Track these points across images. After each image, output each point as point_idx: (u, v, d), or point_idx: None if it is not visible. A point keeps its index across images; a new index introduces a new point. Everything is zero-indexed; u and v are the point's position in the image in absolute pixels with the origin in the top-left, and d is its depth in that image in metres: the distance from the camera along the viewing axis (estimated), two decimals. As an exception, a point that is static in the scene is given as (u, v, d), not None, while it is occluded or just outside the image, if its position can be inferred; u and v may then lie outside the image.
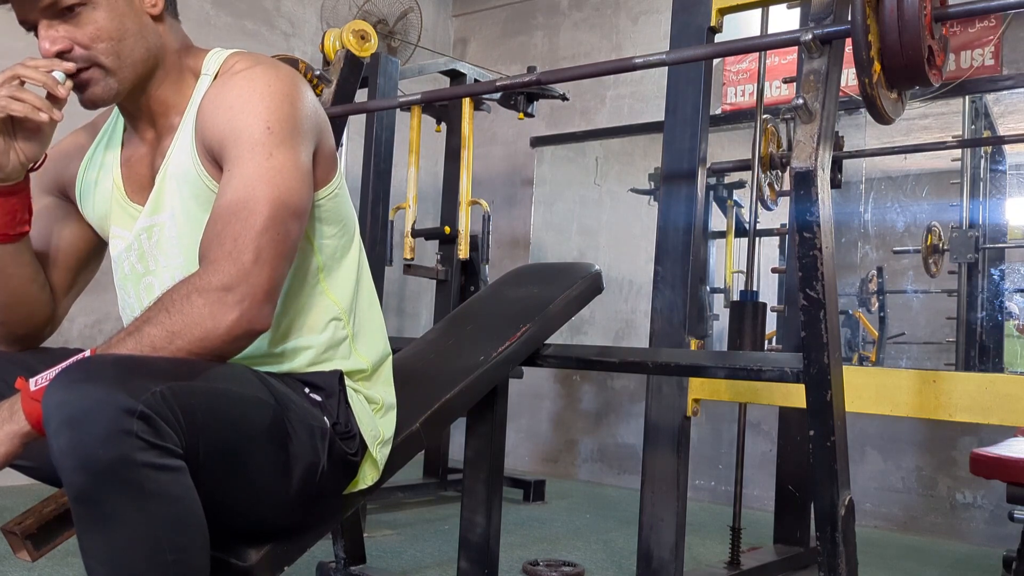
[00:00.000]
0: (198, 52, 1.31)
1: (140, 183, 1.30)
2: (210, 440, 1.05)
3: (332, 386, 1.29)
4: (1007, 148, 3.86)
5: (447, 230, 3.63)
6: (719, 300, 4.34)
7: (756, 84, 2.80)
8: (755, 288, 2.69)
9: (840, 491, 1.50)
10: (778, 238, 3.86)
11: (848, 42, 1.46)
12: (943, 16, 1.53)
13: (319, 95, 2.53)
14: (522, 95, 3.71)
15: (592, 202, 5.09)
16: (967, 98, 3.72)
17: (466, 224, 3.48)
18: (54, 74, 1.17)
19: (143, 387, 0.96)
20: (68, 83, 1.19)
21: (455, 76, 3.84)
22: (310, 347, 1.29)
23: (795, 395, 1.95)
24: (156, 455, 0.96)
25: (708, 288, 4.22)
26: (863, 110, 2.15)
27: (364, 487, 1.35)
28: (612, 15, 4.74)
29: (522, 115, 3.78)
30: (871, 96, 1.46)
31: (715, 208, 4.23)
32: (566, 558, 2.71)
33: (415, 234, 3.44)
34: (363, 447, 1.31)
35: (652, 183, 4.53)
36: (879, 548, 3.22)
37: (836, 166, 3.05)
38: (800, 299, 1.48)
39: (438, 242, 3.77)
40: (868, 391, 1.91)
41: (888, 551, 3.19)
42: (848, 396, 1.62)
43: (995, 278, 3.73)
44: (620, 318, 4.78)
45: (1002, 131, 3.84)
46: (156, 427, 0.96)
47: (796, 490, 2.82)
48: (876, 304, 4.19)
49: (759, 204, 2.87)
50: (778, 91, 3.69)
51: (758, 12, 2.65)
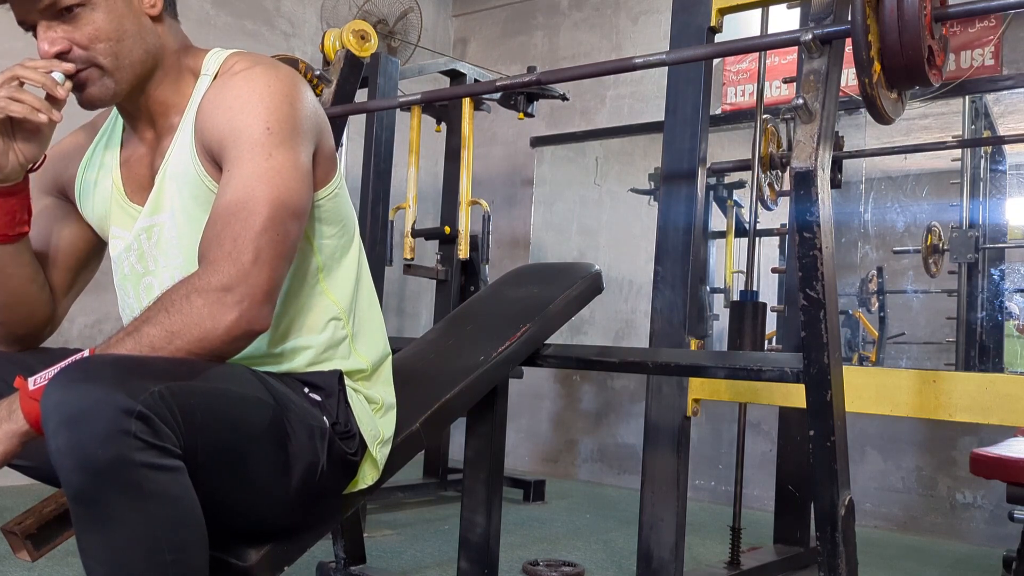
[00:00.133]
0: (197, 52, 1.31)
1: (139, 183, 1.30)
2: (209, 440, 1.05)
3: (332, 386, 1.29)
4: (1007, 148, 3.86)
5: (447, 230, 3.63)
6: (719, 300, 4.34)
7: (756, 84, 2.80)
8: (755, 288, 2.69)
9: (840, 491, 1.50)
10: (778, 238, 3.86)
11: (848, 42, 1.46)
12: (943, 16, 1.53)
13: (319, 95, 2.54)
14: (522, 95, 3.71)
15: (592, 202, 5.09)
16: (967, 98, 3.72)
17: (466, 224, 3.48)
18: (53, 75, 1.17)
19: (142, 387, 0.96)
20: (67, 84, 1.19)
21: (455, 76, 3.84)
22: (309, 347, 1.29)
23: (795, 395, 1.95)
24: (155, 455, 0.96)
25: (708, 288, 4.21)
26: (863, 110, 2.15)
27: (364, 487, 1.35)
28: (612, 15, 4.74)
29: (522, 115, 3.78)
30: (871, 96, 1.46)
31: (715, 208, 4.23)
32: (566, 558, 2.70)
33: (415, 234, 3.44)
34: (363, 447, 1.31)
35: (652, 183, 4.53)
36: (879, 548, 3.22)
37: (836, 166, 3.05)
38: (800, 299, 1.48)
39: (438, 242, 3.77)
40: (868, 391, 1.91)
41: (888, 551, 3.19)
42: (848, 396, 1.62)
43: (995, 278, 3.73)
44: (620, 318, 4.78)
45: (1002, 131, 3.84)
46: (154, 427, 0.96)
47: (796, 490, 2.82)
48: (876, 304, 4.19)
49: (759, 204, 2.86)
50: (778, 91, 3.68)
51: (758, 12, 2.65)
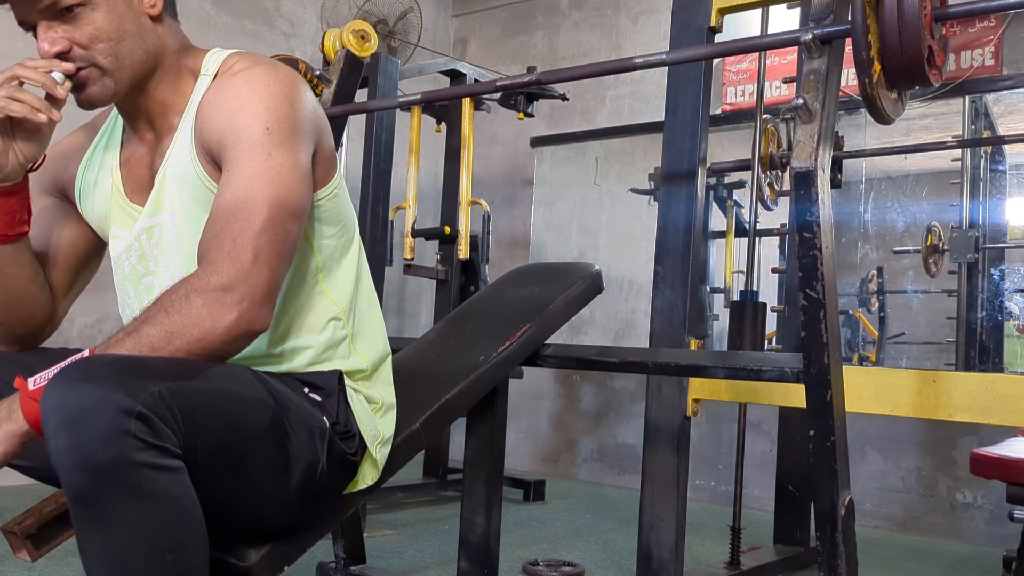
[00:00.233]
0: (197, 52, 1.31)
1: (139, 184, 1.30)
2: (209, 440, 1.05)
3: (331, 386, 1.29)
4: (1007, 148, 3.86)
5: (447, 230, 3.63)
6: (719, 300, 4.34)
7: (756, 84, 2.80)
8: (755, 288, 2.69)
9: (840, 491, 1.50)
10: (778, 238, 3.86)
11: (848, 42, 1.46)
12: (943, 16, 1.53)
13: (319, 95, 2.54)
14: (522, 95, 3.71)
15: (592, 202, 5.09)
16: (967, 98, 3.72)
17: (466, 224, 3.48)
18: (53, 75, 1.17)
19: (141, 387, 0.96)
20: (67, 84, 1.19)
21: (455, 76, 3.84)
22: (309, 347, 1.29)
23: (795, 395, 1.95)
24: (154, 455, 0.96)
25: (708, 288, 4.21)
26: (863, 110, 2.15)
27: (364, 487, 1.35)
28: (612, 15, 4.74)
29: (522, 115, 3.78)
30: (871, 96, 1.46)
31: (715, 208, 4.23)
32: (566, 558, 2.70)
33: (415, 234, 3.44)
34: (363, 447, 1.31)
35: (652, 183, 4.53)
36: (879, 548, 3.22)
37: (836, 166, 3.05)
38: (800, 299, 1.48)
39: (438, 242, 3.77)
40: (868, 391, 1.91)
41: (888, 551, 3.19)
42: (848, 396, 1.62)
43: (995, 278, 3.73)
44: (620, 318, 4.78)
45: (1002, 131, 3.84)
46: (154, 427, 0.96)
47: (796, 490, 2.82)
48: (876, 304, 4.19)
49: (759, 204, 2.86)
50: (778, 91, 3.68)
51: (758, 12, 2.65)
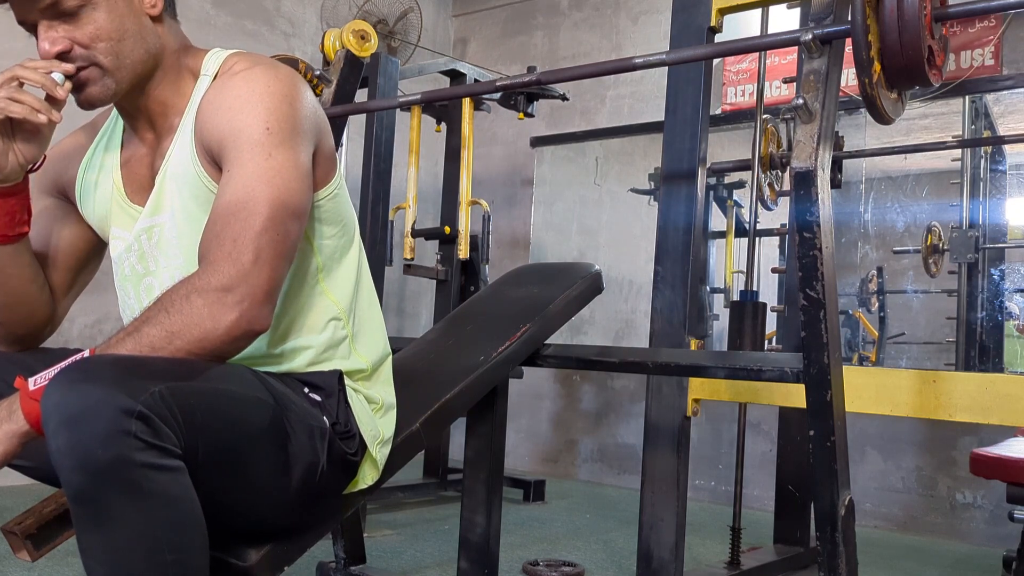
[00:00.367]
0: (197, 52, 1.31)
1: (140, 184, 1.30)
2: (209, 440, 1.05)
3: (332, 386, 1.29)
4: (1007, 148, 3.86)
5: (447, 230, 3.63)
6: (719, 300, 4.34)
7: (756, 84, 2.80)
8: (755, 288, 2.69)
9: (840, 491, 1.50)
10: (778, 238, 3.86)
11: (848, 42, 1.46)
12: (943, 16, 1.53)
13: (319, 95, 2.54)
14: (522, 95, 3.71)
15: (592, 202, 5.09)
16: (967, 98, 3.72)
17: (466, 224, 3.48)
18: (53, 75, 1.17)
19: (142, 387, 0.96)
20: (67, 84, 1.18)
21: (455, 76, 3.84)
22: (309, 347, 1.29)
23: (795, 395, 1.95)
24: (155, 455, 0.96)
25: (708, 288, 4.21)
26: (863, 110, 2.15)
27: (364, 487, 1.35)
28: (612, 15, 4.74)
29: (522, 115, 3.78)
30: (871, 96, 1.46)
31: (715, 208, 4.23)
32: (566, 558, 2.70)
33: (415, 234, 3.44)
34: (363, 447, 1.31)
35: (652, 183, 4.53)
36: (879, 548, 3.22)
37: (836, 166, 3.05)
38: (800, 299, 1.48)
39: (438, 242, 3.76)
40: (868, 391, 1.91)
41: (888, 551, 3.19)
42: (848, 396, 1.62)
43: (995, 278, 3.73)
44: (620, 318, 4.78)
45: (1002, 131, 3.84)
46: (155, 427, 0.96)
47: (796, 490, 2.82)
48: (876, 304, 4.19)
49: (759, 204, 2.86)
50: (778, 91, 3.68)
51: (758, 12, 2.65)
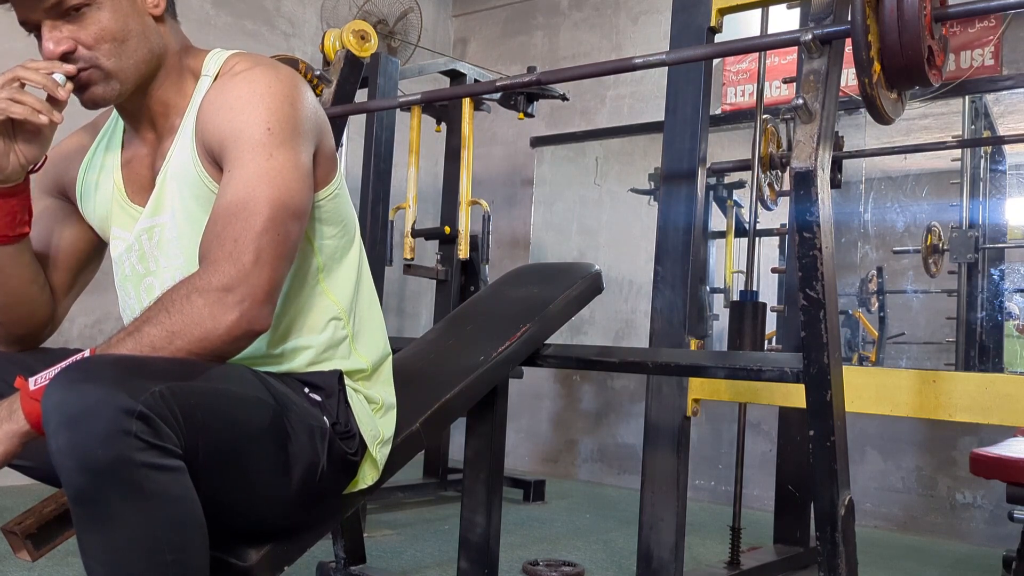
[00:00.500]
0: (198, 53, 1.31)
1: (141, 184, 1.30)
2: (210, 440, 1.05)
3: (332, 386, 1.29)
4: (1007, 148, 3.86)
5: (447, 230, 3.63)
6: (719, 300, 4.34)
7: (756, 84, 2.80)
8: (755, 288, 2.69)
9: (840, 491, 1.50)
10: (778, 238, 3.86)
11: (848, 42, 1.46)
12: (943, 16, 1.53)
13: (319, 95, 2.54)
14: (522, 95, 3.71)
15: (592, 202, 5.09)
16: (967, 98, 3.72)
17: (466, 224, 3.48)
18: (54, 76, 1.17)
19: (142, 387, 0.96)
20: (68, 85, 1.18)
21: (455, 76, 3.84)
22: (310, 347, 1.29)
23: (795, 395, 1.95)
24: (155, 455, 0.96)
25: (708, 288, 4.21)
26: (863, 110, 2.15)
27: (364, 487, 1.35)
28: (612, 15, 4.74)
29: (522, 115, 3.78)
30: (871, 96, 1.46)
31: (715, 208, 4.23)
32: (566, 558, 2.70)
33: (415, 234, 3.44)
34: (363, 447, 1.31)
35: (652, 183, 4.53)
36: (879, 548, 3.22)
37: (836, 166, 3.05)
38: (800, 299, 1.48)
39: (438, 242, 3.76)
40: (868, 391, 1.91)
41: (888, 551, 3.19)
42: (848, 396, 1.62)
43: (995, 278, 3.73)
44: (620, 318, 4.78)
45: (1002, 131, 3.84)
46: (155, 427, 0.96)
47: (796, 490, 2.82)
48: (876, 304, 4.19)
49: (759, 204, 2.86)
50: (778, 91, 3.68)
51: (758, 12, 2.65)
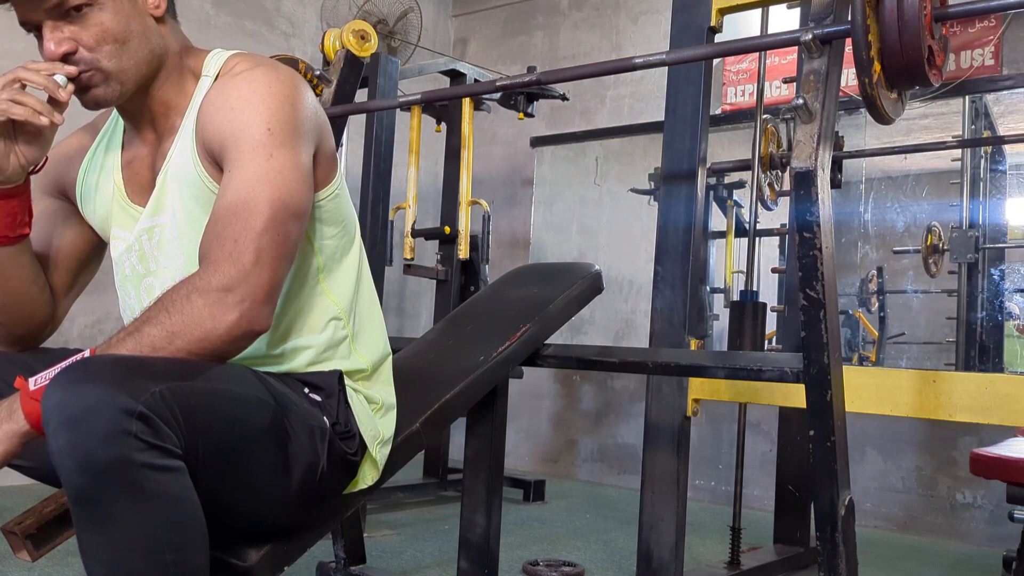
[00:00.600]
0: (198, 53, 1.31)
1: (141, 184, 1.30)
2: (210, 440, 1.05)
3: (332, 386, 1.29)
4: (1007, 148, 3.86)
5: (447, 230, 3.63)
6: (719, 300, 4.34)
7: (756, 84, 2.80)
8: (755, 288, 2.69)
9: (840, 491, 1.50)
10: (778, 238, 3.86)
11: (848, 42, 1.47)
12: (943, 16, 1.53)
13: (319, 95, 2.54)
14: (522, 95, 3.71)
15: (592, 202, 5.09)
16: (967, 98, 3.72)
17: (466, 224, 3.48)
18: (55, 77, 1.16)
19: (142, 387, 0.96)
20: (69, 87, 1.18)
21: (455, 76, 3.84)
22: (310, 347, 1.29)
23: (795, 395, 1.95)
24: (155, 455, 0.96)
25: (708, 288, 4.21)
26: (863, 110, 2.15)
27: (364, 487, 1.35)
28: (612, 15, 4.74)
29: (522, 115, 3.78)
30: (871, 96, 1.47)
31: (715, 208, 4.23)
32: (566, 558, 2.70)
33: (415, 234, 3.44)
34: (363, 447, 1.31)
35: (652, 183, 4.53)
36: (879, 548, 3.22)
37: (836, 166, 3.05)
38: (800, 299, 1.48)
39: (438, 242, 3.76)
40: (868, 391, 1.91)
41: (888, 551, 3.19)
42: (848, 396, 1.62)
43: (995, 278, 3.73)
44: (620, 318, 4.78)
45: (1002, 131, 3.84)
46: (155, 427, 0.96)
47: (796, 490, 2.82)
48: (876, 304, 4.19)
49: (759, 204, 2.87)
50: (778, 91, 3.68)
51: (758, 12, 2.65)
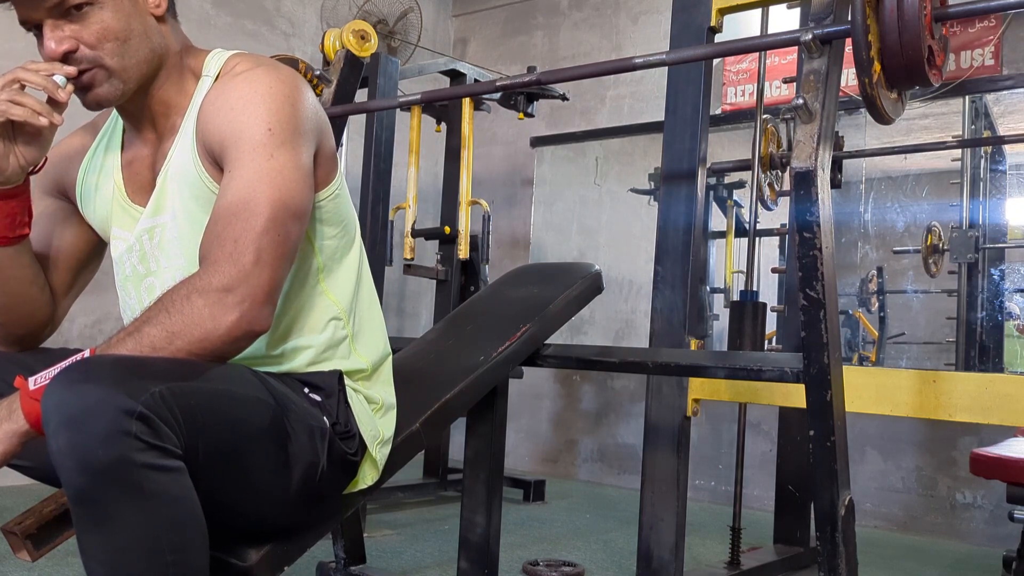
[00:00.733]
0: (199, 53, 1.31)
1: (141, 185, 1.30)
2: (210, 440, 1.05)
3: (332, 386, 1.29)
4: (1007, 148, 3.86)
5: (447, 230, 3.63)
6: (719, 300, 4.34)
7: (756, 84, 2.80)
8: (755, 288, 2.69)
9: (840, 491, 1.50)
10: (778, 238, 3.86)
11: (848, 42, 1.46)
12: (943, 16, 1.53)
13: (319, 95, 2.54)
14: (522, 95, 3.71)
15: (592, 202, 5.09)
16: (967, 98, 3.72)
17: (466, 224, 3.48)
18: (55, 78, 1.16)
19: (142, 388, 0.96)
20: (69, 87, 1.18)
21: (455, 76, 3.84)
22: (310, 347, 1.29)
23: (795, 395, 1.95)
24: (155, 456, 0.96)
25: (708, 288, 4.21)
26: (863, 110, 2.15)
27: (364, 487, 1.35)
28: (612, 15, 4.74)
29: (522, 115, 3.78)
30: (871, 96, 1.47)
31: (715, 208, 4.23)
32: (566, 558, 2.70)
33: (415, 234, 3.44)
34: (363, 447, 1.31)
35: (652, 183, 4.53)
36: (879, 548, 3.22)
37: (836, 166, 3.05)
38: (800, 299, 1.48)
39: (438, 242, 3.77)
40: (868, 391, 1.91)
41: (888, 551, 3.19)
42: (848, 396, 1.62)
43: (995, 278, 3.73)
44: (620, 318, 4.78)
45: (1002, 131, 3.84)
46: (155, 428, 0.96)
47: (796, 490, 2.82)
48: (876, 304, 4.19)
49: (759, 204, 2.87)
50: (778, 91, 3.68)
51: (758, 12, 2.65)
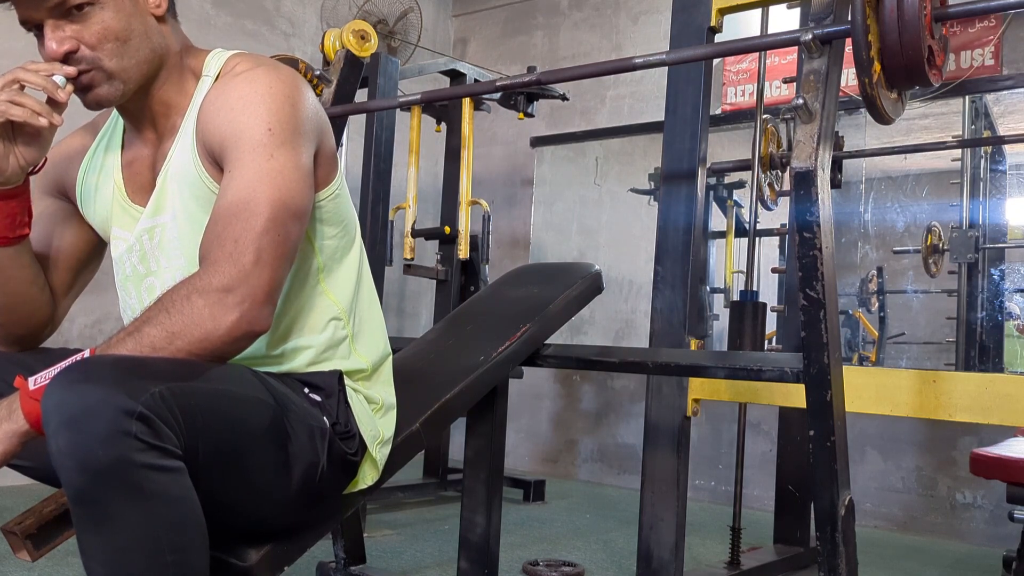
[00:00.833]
0: (199, 53, 1.31)
1: (141, 185, 1.30)
2: (210, 441, 1.05)
3: (332, 386, 1.29)
4: (1007, 148, 3.86)
5: (447, 230, 3.63)
6: (719, 300, 4.34)
7: (756, 84, 2.80)
8: (755, 288, 2.69)
9: (840, 491, 1.50)
10: (778, 238, 3.86)
11: (848, 42, 1.47)
12: (943, 16, 1.53)
13: (319, 95, 2.54)
14: (522, 95, 3.71)
15: (592, 202, 5.09)
16: (967, 98, 3.72)
17: (466, 224, 3.48)
18: (55, 78, 1.16)
19: (142, 388, 0.96)
20: (69, 87, 1.18)
21: (455, 76, 3.84)
22: (310, 347, 1.29)
23: (795, 395, 1.95)
24: (155, 456, 0.96)
25: (708, 288, 4.21)
26: (863, 110, 2.15)
27: (364, 487, 1.35)
28: (612, 15, 4.74)
29: (522, 115, 3.78)
30: (871, 96, 1.47)
31: (715, 208, 4.23)
32: (566, 558, 2.71)
33: (415, 234, 3.44)
34: (363, 447, 1.31)
35: (652, 183, 4.53)
36: (879, 548, 3.22)
37: (836, 166, 3.05)
38: (800, 299, 1.48)
39: (438, 242, 3.77)
40: (868, 391, 1.91)
41: (888, 551, 3.19)
42: (848, 396, 1.62)
43: (995, 278, 3.73)
44: (620, 318, 4.78)
45: (1002, 131, 3.84)
46: (155, 428, 0.96)
47: (796, 490, 2.82)
48: (876, 304, 4.19)
49: (759, 204, 2.87)
50: (778, 91, 3.68)
51: (758, 12, 2.65)
